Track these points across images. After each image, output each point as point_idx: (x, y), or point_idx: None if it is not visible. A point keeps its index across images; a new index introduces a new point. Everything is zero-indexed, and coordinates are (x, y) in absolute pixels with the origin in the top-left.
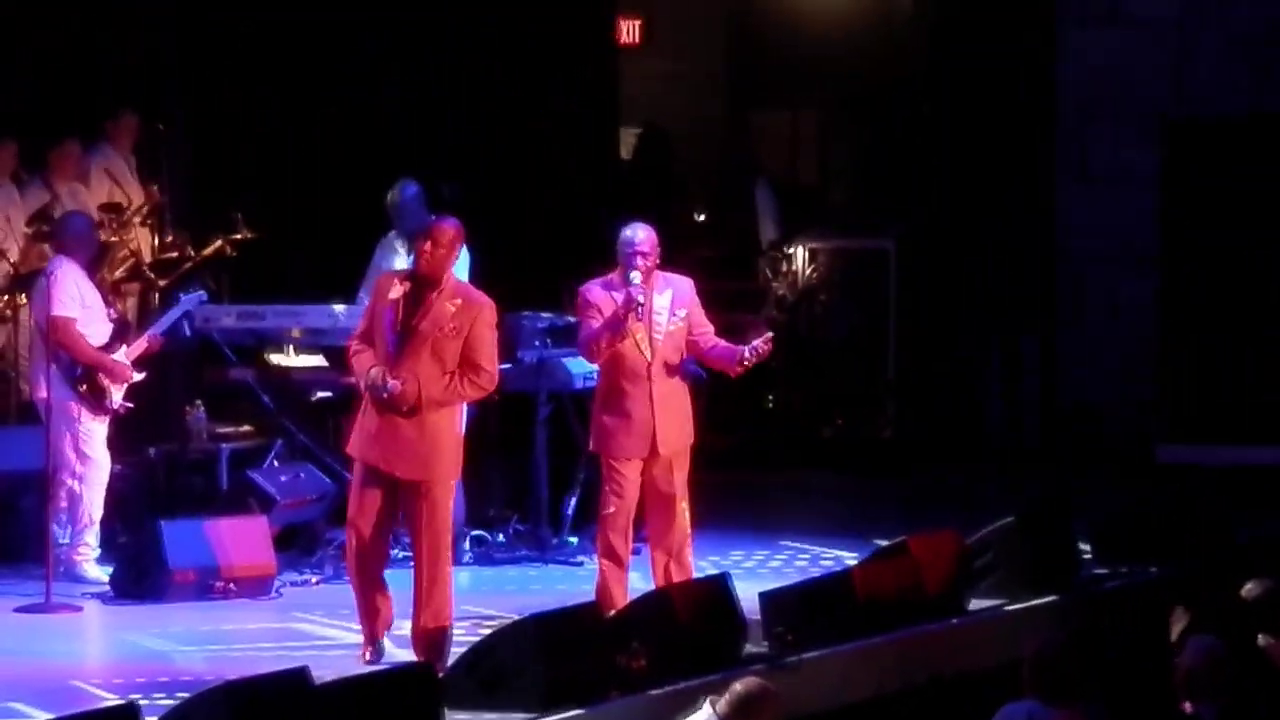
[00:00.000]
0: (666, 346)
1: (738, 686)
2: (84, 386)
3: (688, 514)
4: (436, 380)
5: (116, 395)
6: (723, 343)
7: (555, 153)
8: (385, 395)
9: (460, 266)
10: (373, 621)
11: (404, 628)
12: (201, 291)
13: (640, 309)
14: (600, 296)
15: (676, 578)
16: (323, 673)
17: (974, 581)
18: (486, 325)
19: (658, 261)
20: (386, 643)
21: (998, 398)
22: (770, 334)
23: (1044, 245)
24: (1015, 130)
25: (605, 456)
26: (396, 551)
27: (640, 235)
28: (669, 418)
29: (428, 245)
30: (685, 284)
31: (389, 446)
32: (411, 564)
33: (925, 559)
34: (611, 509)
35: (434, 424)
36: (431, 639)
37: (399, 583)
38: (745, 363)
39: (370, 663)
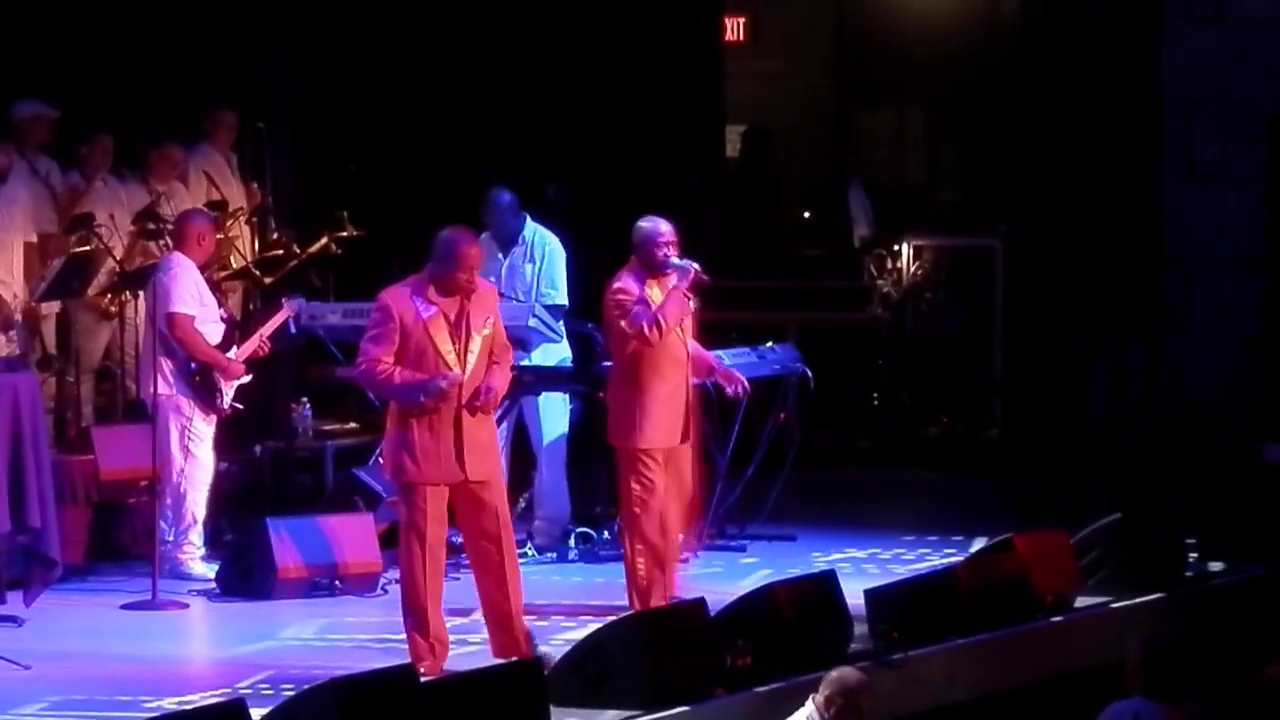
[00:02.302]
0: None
1: (834, 675)
2: (199, 384)
3: None
4: (496, 376)
5: (228, 394)
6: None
7: (660, 152)
8: (444, 389)
9: (554, 261)
10: (440, 635)
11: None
12: (300, 297)
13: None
14: (637, 287)
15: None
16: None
17: (1080, 579)
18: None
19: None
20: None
21: (1103, 397)
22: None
23: (1150, 245)
24: (1121, 130)
25: (638, 448)
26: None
27: (666, 226)
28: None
29: (476, 275)
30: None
31: (458, 453)
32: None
33: (1032, 557)
34: (650, 502)
35: (489, 419)
36: (522, 627)
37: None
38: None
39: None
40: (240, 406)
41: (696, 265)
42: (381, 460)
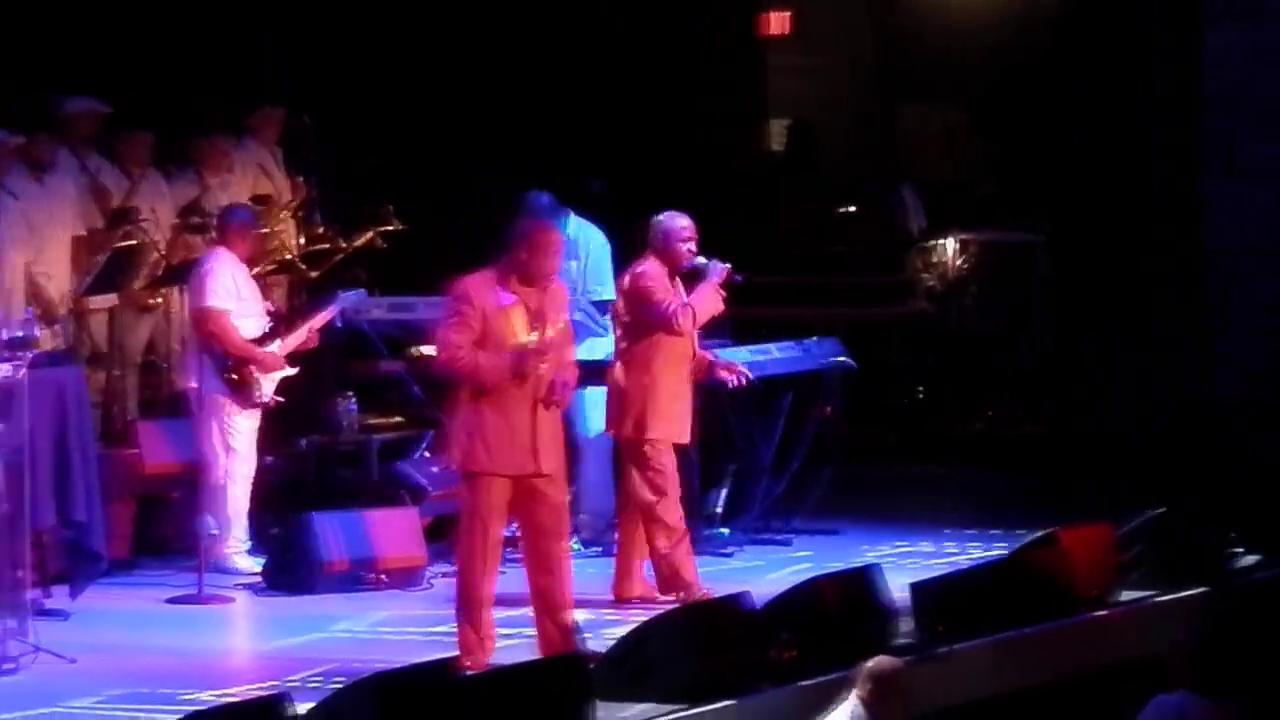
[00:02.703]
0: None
1: (869, 664)
2: (233, 378)
3: None
4: (569, 372)
5: (266, 388)
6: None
7: (703, 146)
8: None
9: (600, 257)
10: (490, 630)
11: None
12: (362, 290)
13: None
14: (662, 278)
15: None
16: None
17: (1124, 574)
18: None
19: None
20: None
21: (1143, 393)
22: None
23: (1190, 241)
24: (1161, 125)
25: (648, 438)
26: None
27: (685, 220)
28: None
29: (559, 259)
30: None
31: (532, 444)
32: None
33: (1076, 551)
34: (666, 488)
35: (557, 413)
36: (570, 622)
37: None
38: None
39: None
40: (280, 399)
41: (729, 265)
42: (446, 449)
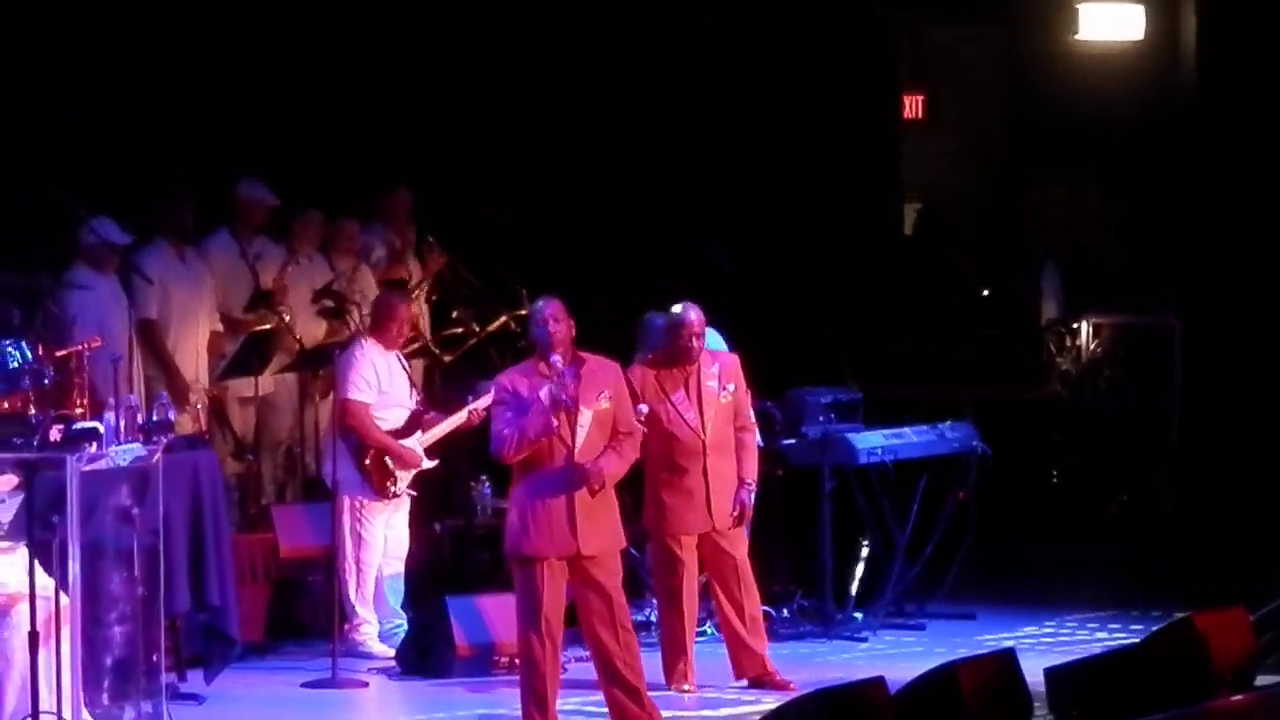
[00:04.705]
0: (719, 420)
1: None
2: (369, 470)
3: None
4: (608, 459)
5: (403, 481)
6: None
7: (837, 227)
8: (562, 393)
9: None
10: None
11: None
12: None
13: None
14: (647, 378)
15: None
16: None
17: (1261, 658)
18: (624, 384)
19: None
20: None
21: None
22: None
23: None
24: None
25: (663, 536)
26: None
27: (695, 315)
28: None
29: (562, 323)
30: (731, 360)
31: (570, 524)
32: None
33: (1211, 634)
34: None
35: (609, 494)
36: (648, 708)
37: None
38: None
39: None
40: (414, 493)
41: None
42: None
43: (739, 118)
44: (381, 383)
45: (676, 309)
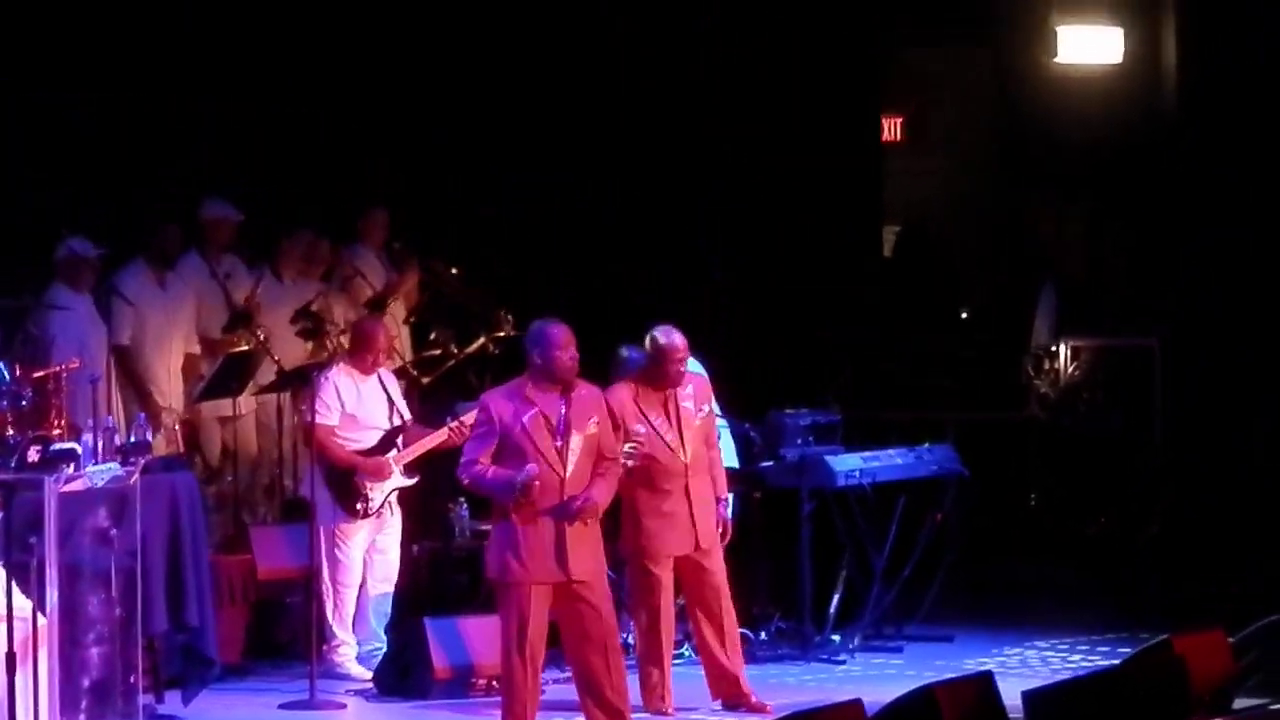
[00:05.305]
0: (696, 440)
1: None
2: (339, 489)
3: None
4: (597, 488)
5: (375, 498)
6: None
7: (817, 248)
8: (529, 485)
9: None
10: None
11: None
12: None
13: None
14: (625, 402)
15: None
16: None
17: (1240, 680)
18: (606, 409)
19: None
20: None
21: (1264, 495)
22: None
23: None
24: None
25: (643, 558)
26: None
27: (680, 341)
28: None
29: (570, 351)
30: (704, 380)
31: (559, 551)
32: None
33: (1191, 657)
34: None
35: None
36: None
37: None
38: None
39: None
40: (396, 510)
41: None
42: (484, 562)
43: (739, 118)
44: (346, 405)
45: (659, 335)
